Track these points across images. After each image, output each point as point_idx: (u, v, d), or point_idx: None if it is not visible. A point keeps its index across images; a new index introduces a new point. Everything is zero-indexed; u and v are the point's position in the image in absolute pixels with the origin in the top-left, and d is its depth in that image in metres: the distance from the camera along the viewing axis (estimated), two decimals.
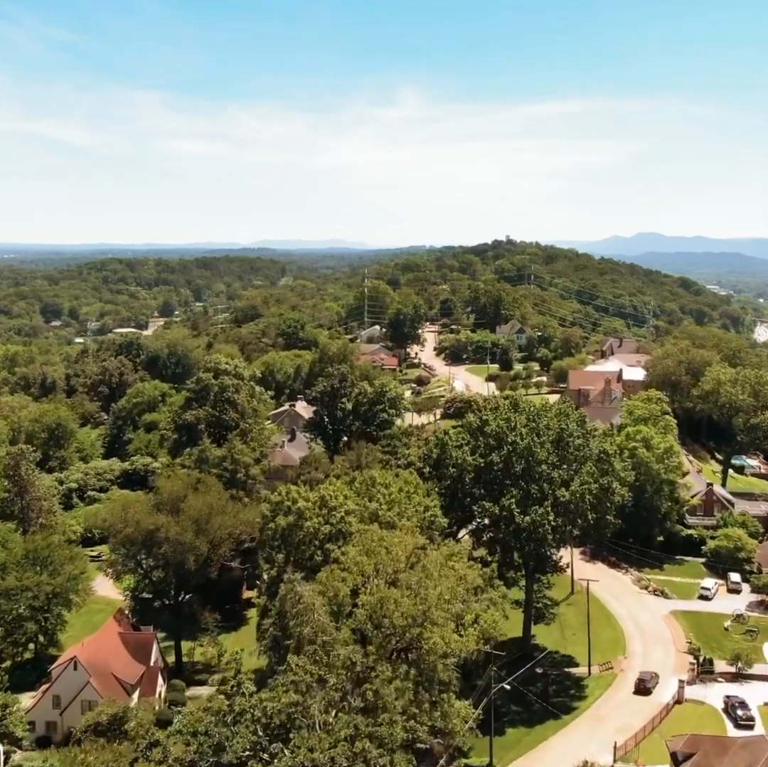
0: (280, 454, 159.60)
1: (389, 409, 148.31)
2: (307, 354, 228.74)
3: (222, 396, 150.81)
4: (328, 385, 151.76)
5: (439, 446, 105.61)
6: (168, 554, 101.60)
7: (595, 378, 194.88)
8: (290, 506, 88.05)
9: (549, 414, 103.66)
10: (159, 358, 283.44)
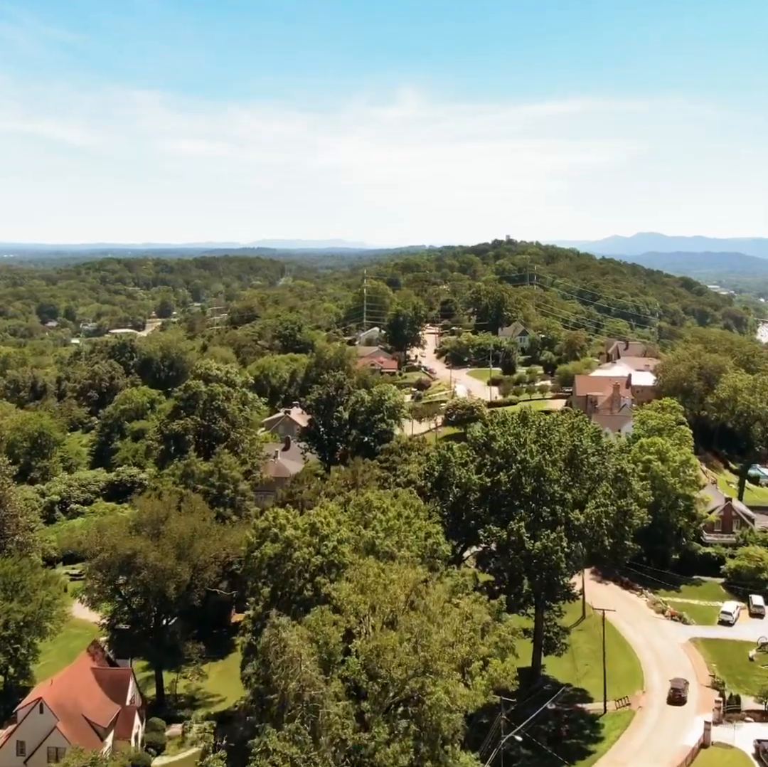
0: (273, 465, 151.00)
1: (388, 419, 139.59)
2: (303, 358, 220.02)
3: (211, 405, 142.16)
4: (323, 393, 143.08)
5: (441, 463, 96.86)
6: (147, 580, 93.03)
7: (603, 384, 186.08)
8: (277, 533, 79.26)
9: (561, 429, 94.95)
10: (152, 361, 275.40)
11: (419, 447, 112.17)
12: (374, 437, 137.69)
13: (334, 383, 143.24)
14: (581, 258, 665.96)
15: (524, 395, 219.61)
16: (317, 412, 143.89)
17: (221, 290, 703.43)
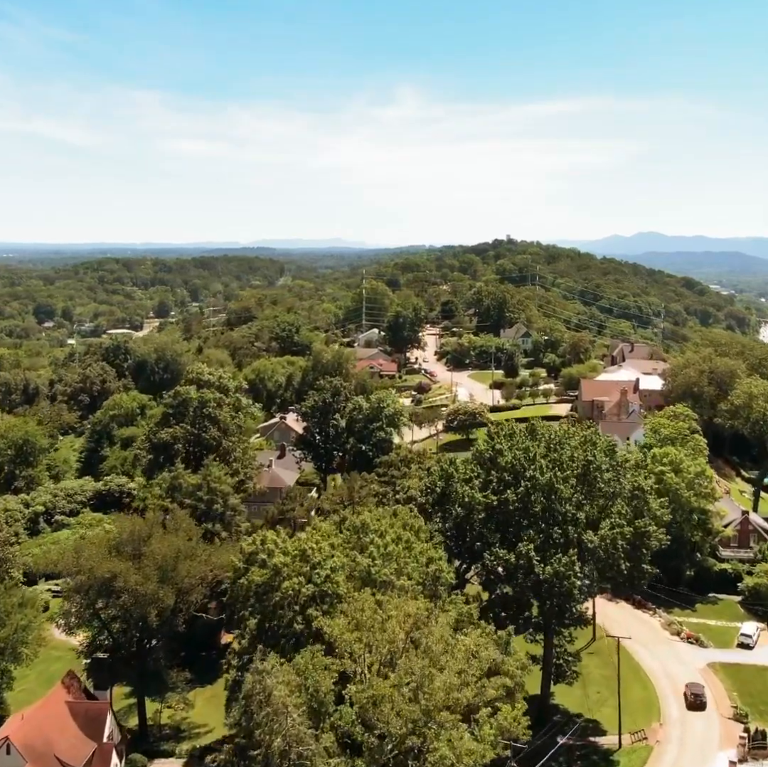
0: (267, 475, 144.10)
1: (387, 427, 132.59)
2: (300, 360, 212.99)
3: (202, 412, 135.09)
4: (319, 399, 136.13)
5: (443, 478, 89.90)
6: (127, 605, 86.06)
7: (610, 388, 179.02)
8: (265, 559, 72.33)
9: (572, 442, 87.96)
10: (147, 363, 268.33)
11: (420, 460, 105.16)
12: (372, 446, 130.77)
13: (330, 390, 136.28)
14: (582, 258, 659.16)
15: (527, 399, 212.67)
16: (313, 419, 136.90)
17: (220, 290, 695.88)
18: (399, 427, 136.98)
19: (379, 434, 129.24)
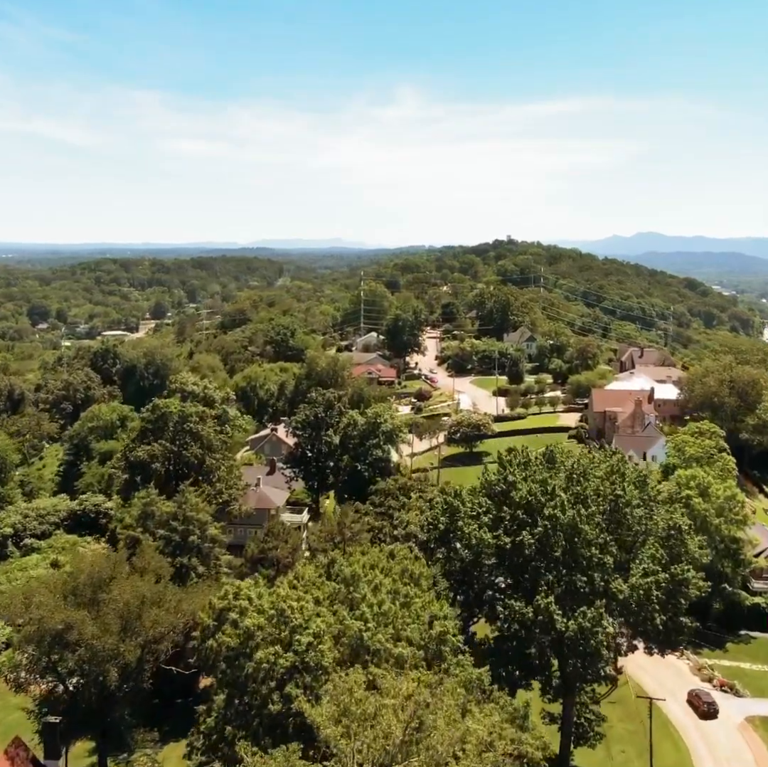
0: (254, 495, 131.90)
1: (384, 443, 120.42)
2: (294, 367, 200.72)
3: (182, 427, 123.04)
4: (311, 414, 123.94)
5: (447, 513, 77.76)
6: (84, 660, 73.95)
7: (623, 398, 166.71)
8: (237, 619, 60.22)
9: (597, 472, 75.74)
10: (135, 368, 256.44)
11: (421, 488, 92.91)
12: (368, 465, 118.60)
13: (323, 403, 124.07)
14: (584, 259, 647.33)
15: (533, 407, 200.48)
16: (304, 435, 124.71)
17: (218, 290, 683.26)
18: (397, 444, 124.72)
19: (376, 453, 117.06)
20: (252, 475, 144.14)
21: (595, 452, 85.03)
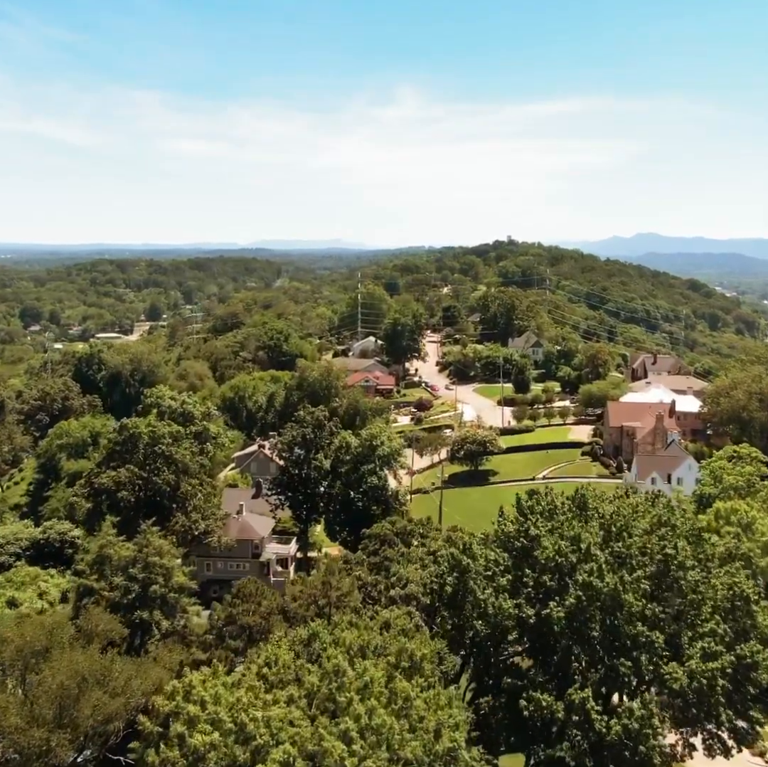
0: (236, 524, 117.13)
1: (380, 468, 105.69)
2: (286, 375, 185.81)
3: (154, 450, 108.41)
4: (298, 434, 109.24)
5: (455, 570, 63.16)
6: (8, 757, 59.43)
7: (641, 412, 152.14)
8: (185, 733, 45.70)
9: (641, 523, 61.12)
10: (121, 375, 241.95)
11: (423, 532, 78.20)
12: (363, 494, 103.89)
13: (312, 422, 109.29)
14: (586, 260, 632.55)
15: (542, 418, 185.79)
16: (291, 458, 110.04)
17: (215, 291, 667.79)
18: (396, 469, 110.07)
19: (371, 480, 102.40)
20: (235, 499, 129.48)
21: (634, 496, 70.13)
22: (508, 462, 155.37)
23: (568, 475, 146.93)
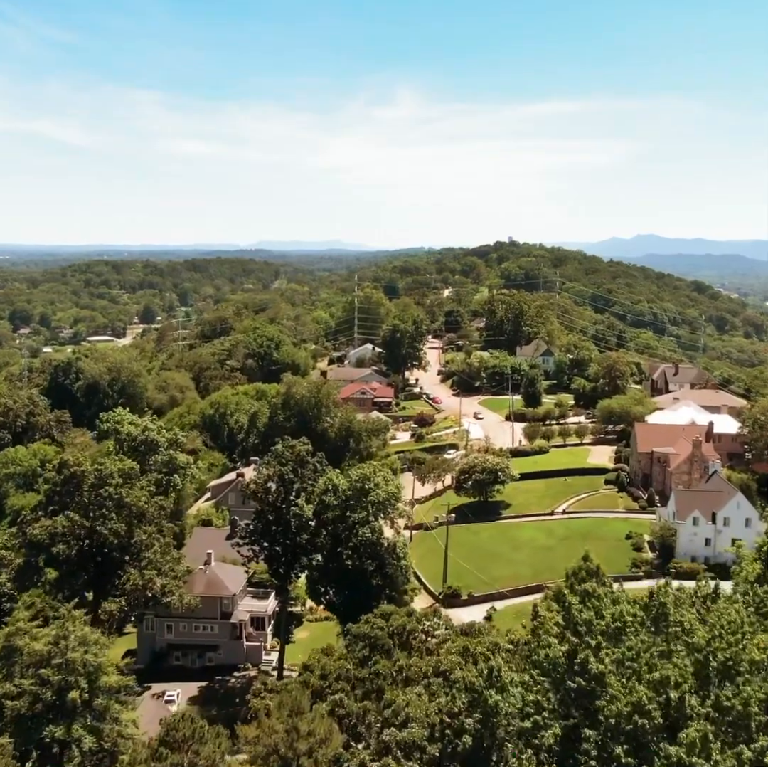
0: (202, 576, 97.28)
1: (373, 518, 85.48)
2: (273, 388, 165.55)
3: (100, 492, 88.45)
4: (275, 474, 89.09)
5: (477, 709, 43.13)
6: None
7: (673, 435, 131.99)
8: None
9: (755, 654, 40.94)
10: (99, 385, 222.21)
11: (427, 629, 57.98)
12: (352, 549, 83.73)
13: (292, 459, 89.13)
14: (589, 261, 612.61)
15: (556, 437, 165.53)
16: (266, 502, 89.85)
17: (211, 293, 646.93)
18: (392, 516, 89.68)
19: (363, 533, 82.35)
20: (207, 540, 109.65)
21: (735, 608, 49.43)
22: (521, 492, 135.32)
23: (592, 509, 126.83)
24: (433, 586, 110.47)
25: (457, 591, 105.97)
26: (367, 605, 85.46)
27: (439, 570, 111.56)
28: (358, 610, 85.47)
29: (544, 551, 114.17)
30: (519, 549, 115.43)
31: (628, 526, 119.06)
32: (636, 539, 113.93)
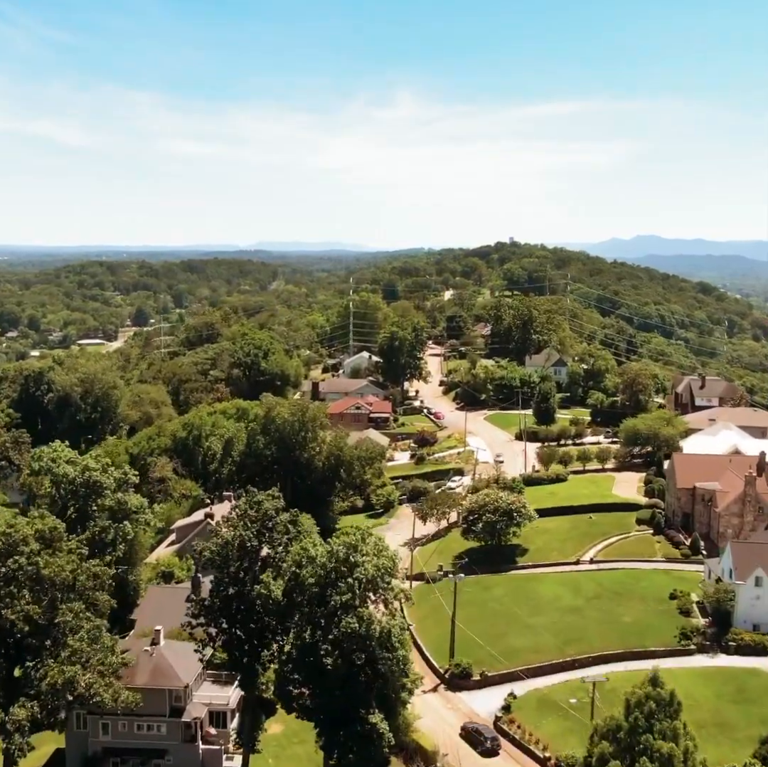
0: (147, 661, 76.27)
1: (360, 601, 64.50)
2: (257, 406, 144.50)
3: (8, 564, 67.60)
4: (234, 539, 68.17)
5: None
6: None
7: (718, 467, 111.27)
8: None
9: None
10: (71, 398, 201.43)
11: None
12: (333, 643, 62.82)
13: (257, 519, 68.30)
14: (593, 262, 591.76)
15: (574, 462, 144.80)
16: (225, 574, 69.00)
17: (206, 295, 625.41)
18: (386, 599, 68.40)
19: (348, 624, 61.45)
20: (162, 604, 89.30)
21: None
22: (539, 533, 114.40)
23: (625, 557, 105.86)
24: (437, 659, 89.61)
25: (467, 670, 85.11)
26: (353, 712, 64.86)
27: (443, 636, 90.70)
28: (342, 719, 65.04)
29: (570, 615, 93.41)
30: (540, 611, 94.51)
31: (670, 581, 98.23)
32: (682, 599, 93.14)
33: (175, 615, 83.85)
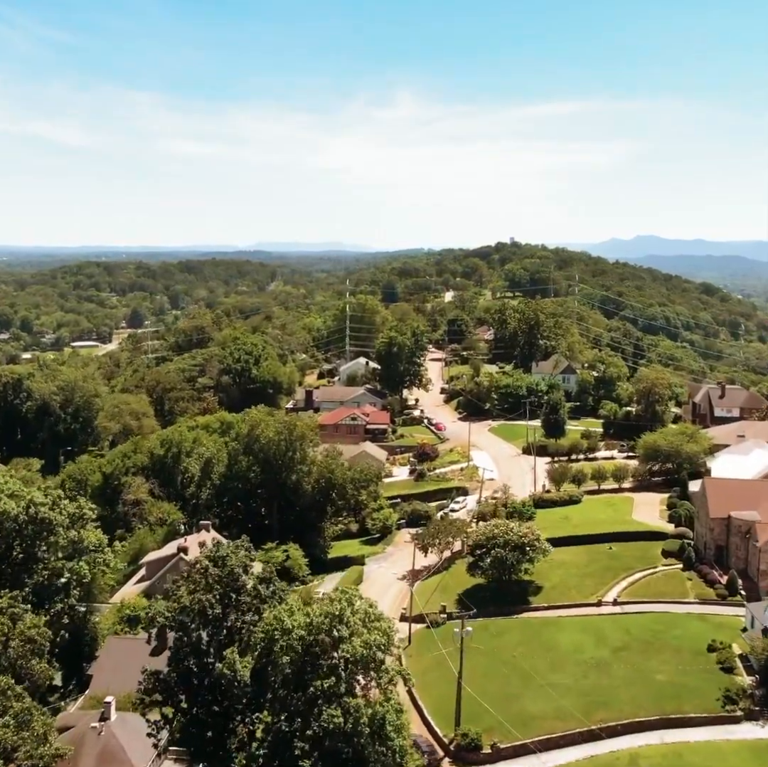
0: (95, 741, 63.28)
1: (346, 686, 51.64)
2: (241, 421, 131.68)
3: None
4: (195, 607, 55.22)
5: None
6: None
7: (755, 493, 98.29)
8: None
9: None
10: (50, 407, 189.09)
11: None
12: (313, 739, 49.93)
13: (221, 579, 55.46)
14: (595, 262, 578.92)
15: (588, 481, 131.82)
16: (184, 644, 56.12)
17: (203, 296, 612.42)
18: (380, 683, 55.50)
19: (331, 718, 48.25)
20: (124, 658, 76.49)
21: None
22: (554, 566, 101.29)
23: (654, 598, 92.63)
24: (440, 725, 76.31)
25: (476, 741, 71.91)
26: None
27: (447, 696, 77.35)
28: None
29: (595, 671, 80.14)
30: (560, 666, 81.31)
31: (707, 628, 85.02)
32: (723, 653, 79.88)
33: (136, 672, 70.64)
